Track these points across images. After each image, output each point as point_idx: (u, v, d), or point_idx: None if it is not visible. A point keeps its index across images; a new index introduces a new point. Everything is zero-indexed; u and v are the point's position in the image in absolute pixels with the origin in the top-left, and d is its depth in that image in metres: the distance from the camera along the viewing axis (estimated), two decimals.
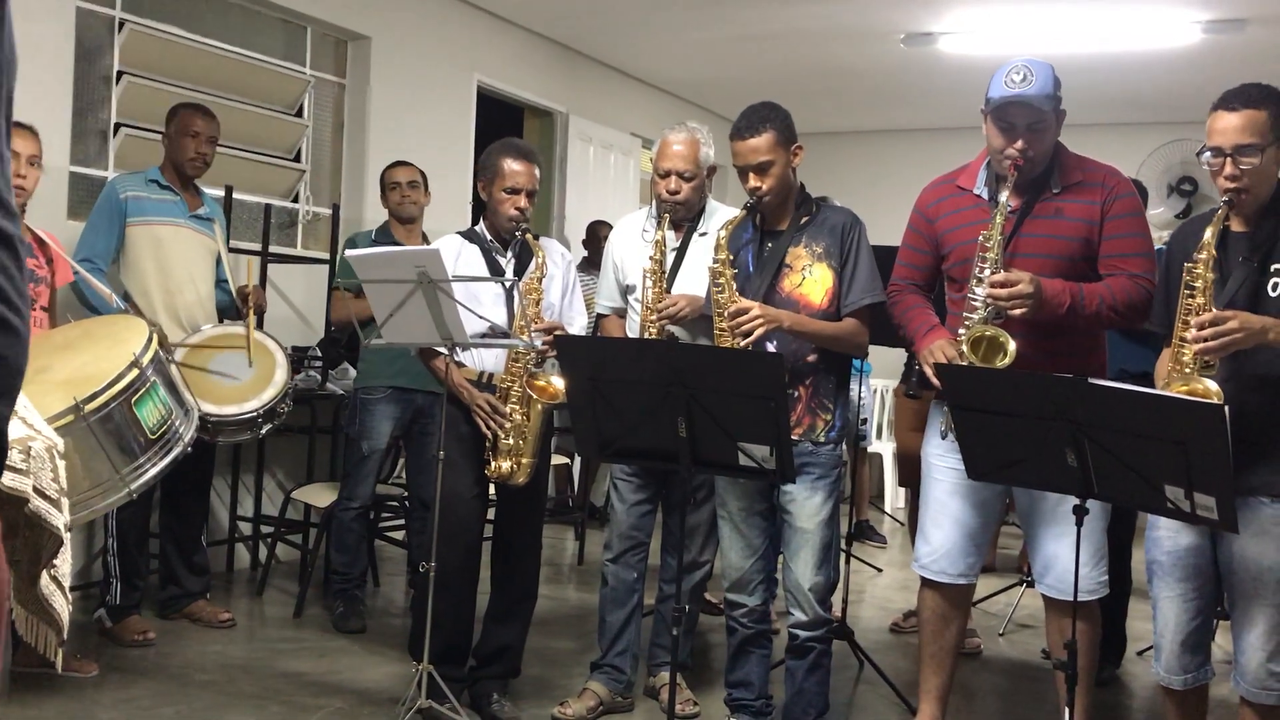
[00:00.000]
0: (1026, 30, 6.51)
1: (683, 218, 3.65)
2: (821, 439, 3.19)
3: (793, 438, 3.10)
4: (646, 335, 3.46)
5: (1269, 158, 2.71)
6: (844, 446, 3.29)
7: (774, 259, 3.22)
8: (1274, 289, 2.73)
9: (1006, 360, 2.89)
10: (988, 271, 2.95)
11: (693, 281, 3.54)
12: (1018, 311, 2.91)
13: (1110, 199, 3.06)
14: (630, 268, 3.72)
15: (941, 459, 3.20)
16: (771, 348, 3.15)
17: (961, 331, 2.99)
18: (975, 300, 2.97)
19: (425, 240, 4.82)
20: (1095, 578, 3.05)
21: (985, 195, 3.15)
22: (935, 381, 2.99)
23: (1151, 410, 2.44)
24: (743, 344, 3.03)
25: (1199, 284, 2.71)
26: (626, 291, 3.76)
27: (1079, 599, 2.78)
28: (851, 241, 3.20)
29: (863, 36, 6.96)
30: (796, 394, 3.18)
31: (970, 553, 3.20)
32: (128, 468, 2.68)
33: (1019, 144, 2.99)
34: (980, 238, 3.00)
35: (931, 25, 6.70)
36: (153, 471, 2.75)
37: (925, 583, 3.26)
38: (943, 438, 3.15)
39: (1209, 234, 2.72)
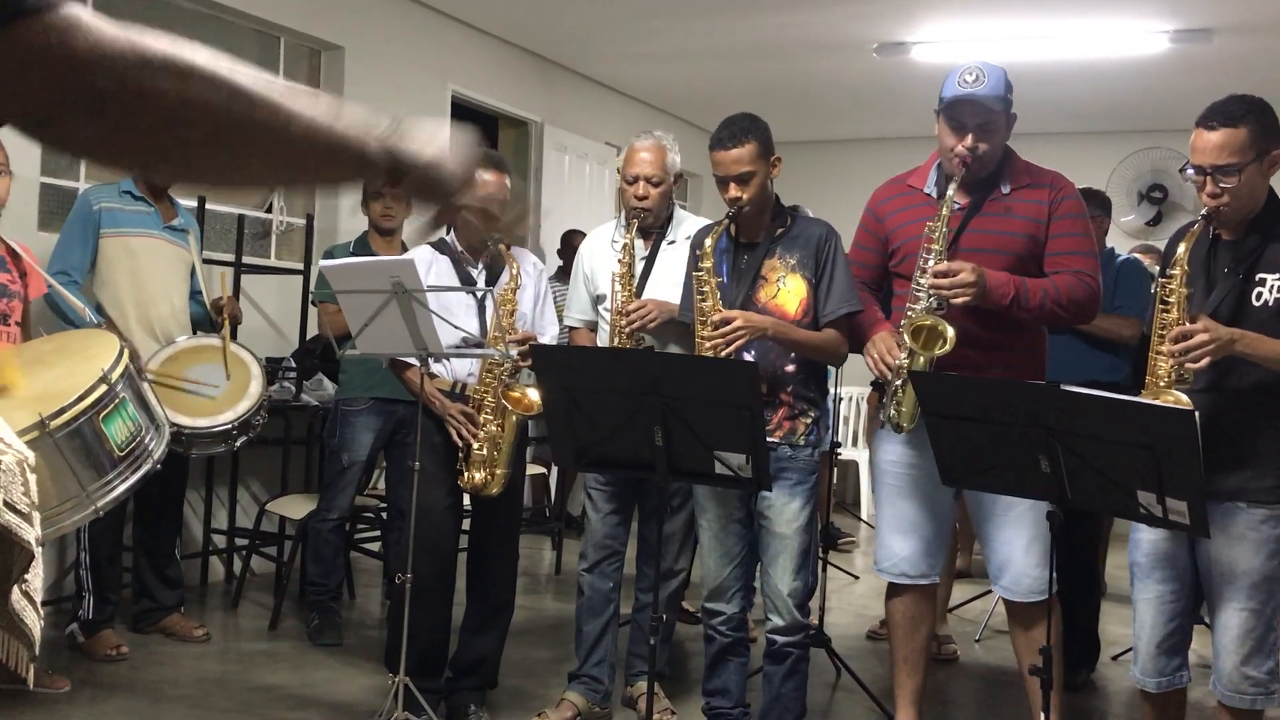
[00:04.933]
0: (997, 40, 6.57)
1: (650, 224, 3.66)
2: (801, 442, 3.21)
3: (774, 440, 3.13)
4: (616, 340, 3.46)
5: (1250, 173, 2.72)
6: (819, 451, 3.31)
7: (750, 270, 3.24)
8: (1258, 298, 2.76)
9: (946, 348, 2.95)
10: (931, 262, 3.01)
11: (662, 289, 3.55)
12: (960, 300, 2.95)
13: (1057, 200, 3.14)
14: (601, 278, 3.72)
15: (891, 462, 3.25)
16: (749, 356, 3.17)
17: (903, 323, 3.05)
18: (919, 292, 3.02)
19: (404, 252, 4.79)
20: (1044, 578, 3.07)
21: (935, 194, 3.22)
22: (875, 371, 3.11)
23: (1123, 416, 2.47)
24: (724, 353, 3.05)
25: (1173, 299, 2.74)
26: (597, 301, 3.77)
27: (1029, 600, 2.82)
28: (827, 253, 3.22)
29: (836, 47, 6.99)
30: (778, 402, 3.20)
31: (930, 552, 3.24)
32: (95, 485, 2.65)
33: (968, 141, 3.06)
34: (925, 230, 3.06)
35: (904, 35, 6.74)
36: (121, 488, 2.72)
37: (890, 587, 3.30)
38: (882, 428, 3.19)
39: (1182, 249, 2.75)
